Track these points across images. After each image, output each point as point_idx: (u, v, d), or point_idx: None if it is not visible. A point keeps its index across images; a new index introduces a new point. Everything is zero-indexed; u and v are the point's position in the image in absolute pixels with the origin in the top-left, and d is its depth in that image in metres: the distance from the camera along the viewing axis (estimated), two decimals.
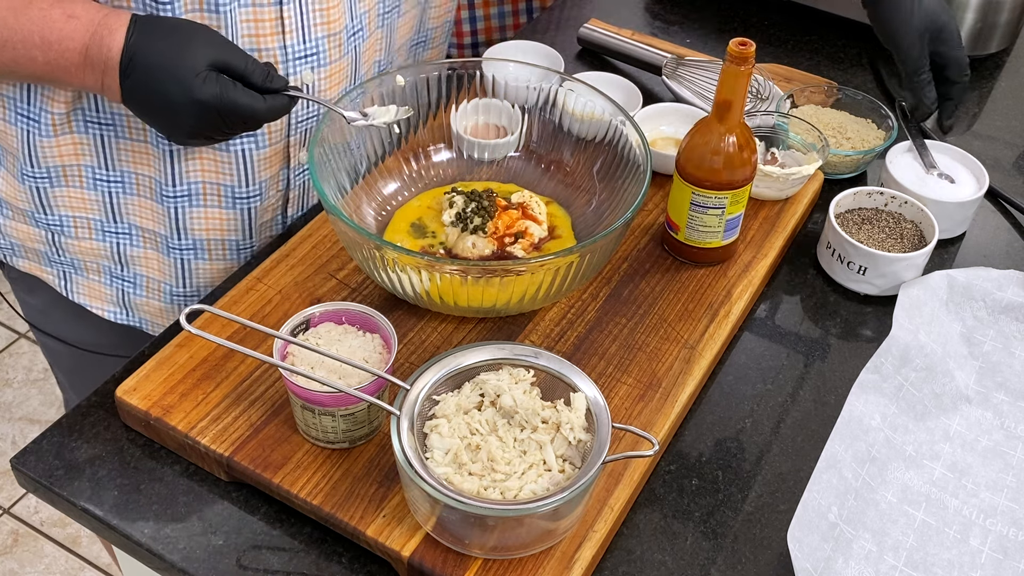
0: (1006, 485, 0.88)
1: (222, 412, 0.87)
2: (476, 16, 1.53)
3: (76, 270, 1.13)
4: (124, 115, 0.99)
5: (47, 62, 0.87)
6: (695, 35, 1.45)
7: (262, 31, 0.96)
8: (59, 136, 0.99)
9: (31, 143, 1.00)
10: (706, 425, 0.93)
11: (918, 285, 1.02)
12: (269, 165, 1.05)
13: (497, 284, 0.89)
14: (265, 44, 0.97)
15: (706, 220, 1.00)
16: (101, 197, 1.05)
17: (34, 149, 1.01)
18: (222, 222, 1.07)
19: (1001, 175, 1.23)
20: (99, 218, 1.07)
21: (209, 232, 1.08)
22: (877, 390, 0.92)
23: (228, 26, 0.94)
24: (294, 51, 0.99)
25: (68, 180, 1.04)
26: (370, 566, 0.81)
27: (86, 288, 1.14)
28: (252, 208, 1.07)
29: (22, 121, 1.00)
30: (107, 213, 1.07)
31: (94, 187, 1.04)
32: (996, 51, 1.41)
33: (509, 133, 1.11)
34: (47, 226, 1.08)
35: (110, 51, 0.86)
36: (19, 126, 1.00)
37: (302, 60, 1.00)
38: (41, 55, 0.87)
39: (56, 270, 1.13)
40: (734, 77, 0.94)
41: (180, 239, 1.08)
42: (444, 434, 0.77)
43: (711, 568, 0.82)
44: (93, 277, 1.13)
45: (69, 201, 1.06)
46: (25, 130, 1.00)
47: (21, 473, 0.87)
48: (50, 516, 2.08)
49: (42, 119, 0.99)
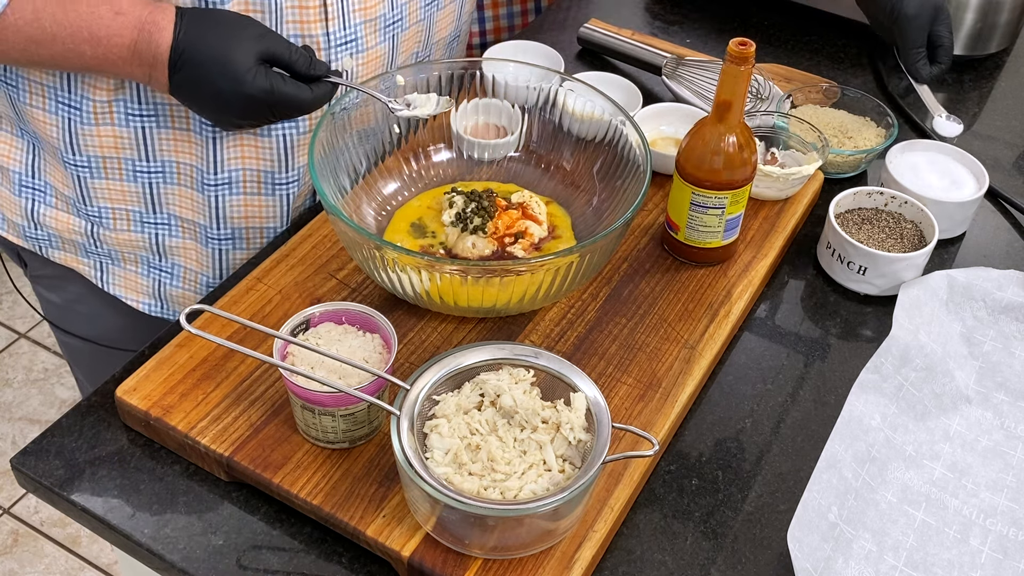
0: (1006, 485, 0.88)
1: (222, 412, 0.87)
2: (485, 17, 1.53)
3: (113, 261, 1.13)
4: (167, 104, 1.00)
5: (95, 56, 0.90)
6: (695, 35, 1.45)
7: (307, 18, 0.98)
8: (100, 126, 1.01)
9: (72, 130, 1.01)
10: (706, 425, 0.93)
11: (918, 285, 1.02)
12: (307, 150, 1.06)
13: (497, 284, 0.89)
14: (309, 31, 0.99)
15: (706, 220, 1.00)
16: (141, 188, 1.06)
17: (75, 136, 1.02)
18: (260, 209, 1.09)
19: (1001, 175, 1.23)
20: (138, 209, 1.08)
21: (248, 220, 1.09)
22: (877, 390, 0.92)
23: (273, 12, 0.96)
24: (335, 38, 1.01)
25: (108, 172, 1.05)
26: (370, 566, 0.81)
27: (122, 279, 1.15)
28: (290, 194, 1.09)
29: (63, 109, 1.00)
30: (147, 204, 1.08)
31: (134, 179, 1.05)
32: (996, 51, 1.41)
33: (509, 133, 1.11)
34: (87, 216, 1.09)
35: (159, 47, 0.89)
36: (60, 115, 1.01)
37: (343, 47, 1.02)
38: (90, 49, 0.89)
39: (92, 261, 1.14)
40: (734, 77, 0.94)
41: (219, 228, 1.09)
42: (444, 434, 0.77)
43: (711, 568, 0.82)
44: (130, 268, 1.14)
45: (108, 193, 1.07)
46: (66, 118, 1.01)
47: (21, 473, 0.87)
48: (50, 516, 2.08)
49: (83, 107, 1.00)
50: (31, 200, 1.10)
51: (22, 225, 1.13)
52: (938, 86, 1.39)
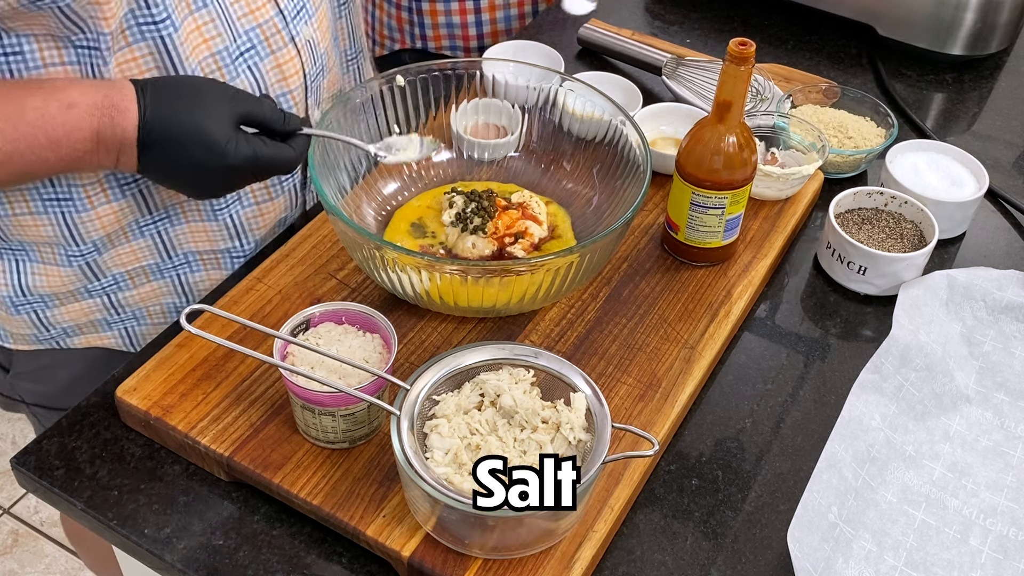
0: (1006, 485, 0.88)
1: (222, 412, 0.87)
2: (482, 20, 1.53)
3: (138, 321, 1.08)
4: None
5: (60, 159, 0.83)
6: (695, 35, 1.45)
7: (255, 5, 0.95)
8: (97, 208, 0.95)
9: (70, 223, 0.95)
10: (706, 425, 0.93)
11: (918, 285, 1.02)
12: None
13: (497, 284, 0.89)
14: (263, 17, 0.95)
15: (706, 220, 1.00)
16: (150, 240, 1.01)
17: (75, 228, 0.96)
18: (278, 206, 1.07)
19: (1001, 175, 1.23)
20: (153, 261, 1.03)
21: (265, 227, 1.07)
22: (877, 390, 0.92)
23: (221, 14, 0.92)
24: (288, 12, 0.98)
25: (114, 243, 0.99)
26: (370, 566, 0.81)
27: (150, 336, 1.09)
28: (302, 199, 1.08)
29: (53, 206, 0.94)
30: (160, 253, 1.03)
31: (141, 234, 1.00)
32: (996, 51, 1.41)
33: (509, 133, 1.11)
34: (101, 291, 1.03)
35: (124, 130, 0.83)
36: (51, 212, 0.95)
37: (297, 17, 0.99)
38: (52, 155, 0.83)
39: (116, 331, 1.08)
40: (734, 77, 0.94)
41: (243, 244, 1.06)
42: (444, 434, 0.77)
43: (711, 568, 0.82)
44: (157, 320, 1.09)
45: (120, 259, 1.01)
46: (59, 212, 0.95)
47: (21, 473, 0.87)
48: (50, 516, 2.08)
49: (74, 195, 0.94)
50: (33, 312, 1.03)
51: (32, 334, 1.06)
52: (938, 86, 1.39)
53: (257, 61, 0.96)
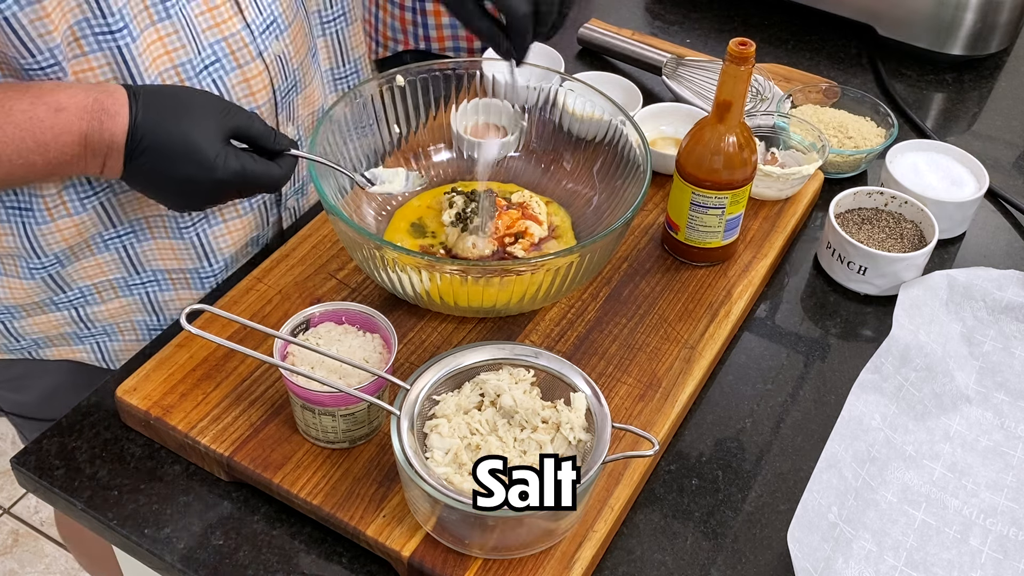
0: (1006, 485, 0.88)
1: (222, 412, 0.87)
2: None
3: (110, 336, 1.07)
4: None
5: (47, 163, 0.82)
6: (695, 35, 1.45)
7: (220, 19, 0.93)
8: (56, 220, 0.93)
9: (30, 234, 0.94)
10: (706, 425, 0.93)
11: (918, 285, 1.02)
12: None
13: (497, 284, 0.89)
14: (229, 30, 0.94)
15: (706, 220, 1.00)
16: (116, 254, 1.00)
17: (35, 239, 0.94)
18: (247, 226, 1.05)
19: (1001, 175, 1.23)
20: (120, 275, 1.02)
21: (235, 245, 1.05)
22: (877, 390, 0.92)
23: (187, 27, 0.91)
24: (256, 26, 0.96)
25: (77, 255, 0.98)
26: (370, 566, 0.81)
27: (123, 353, 1.09)
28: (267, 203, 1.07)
29: (15, 215, 0.93)
30: (127, 267, 1.01)
31: (106, 248, 0.99)
32: (996, 51, 1.41)
33: (509, 133, 1.11)
34: (68, 304, 1.02)
35: (113, 135, 0.82)
36: (12, 220, 0.93)
37: (266, 32, 0.97)
38: (40, 158, 0.82)
39: (88, 345, 1.07)
40: (734, 77, 0.94)
41: (211, 263, 1.04)
42: (444, 434, 0.77)
43: (711, 568, 0.82)
44: (129, 337, 1.08)
45: (85, 272, 1.00)
46: (20, 222, 0.93)
47: (21, 473, 0.87)
48: (50, 516, 2.08)
49: (35, 205, 0.92)
50: (0, 323, 1.02)
51: (2, 344, 1.05)
52: (938, 86, 1.39)
53: (222, 75, 0.94)
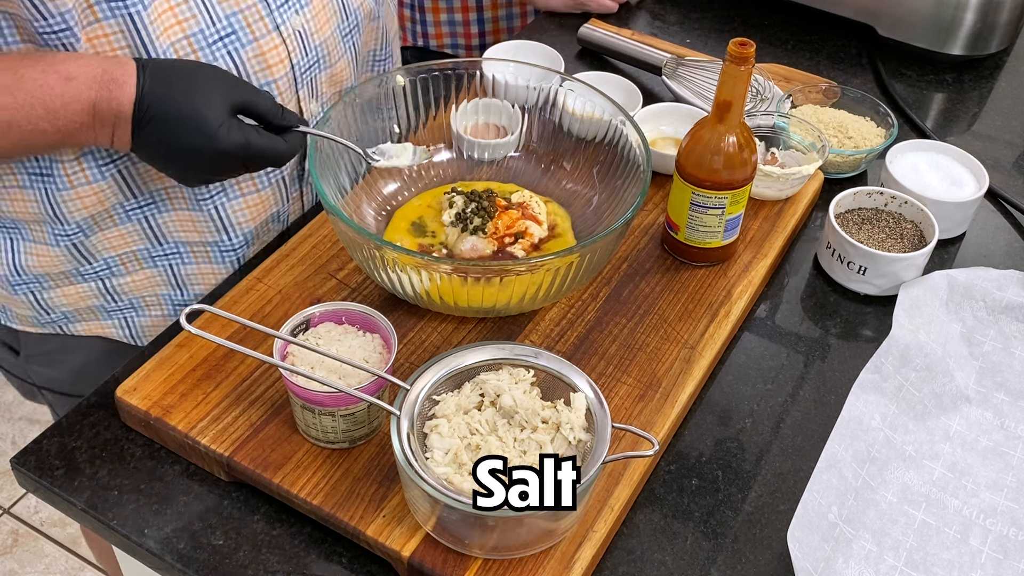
0: (1006, 485, 0.88)
1: (222, 412, 0.87)
2: (484, 18, 1.54)
3: (137, 311, 1.08)
4: None
5: (56, 130, 0.84)
6: (695, 35, 1.45)
7: None
8: (76, 187, 0.95)
9: (53, 201, 0.96)
10: (706, 425, 0.93)
11: (918, 285, 1.02)
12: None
13: (497, 284, 0.89)
14: (245, 2, 0.93)
15: (706, 220, 1.00)
16: (138, 225, 1.01)
17: (58, 206, 0.96)
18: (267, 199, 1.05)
19: (1001, 175, 1.23)
20: (144, 247, 1.03)
21: (255, 220, 1.05)
22: (877, 390, 0.92)
23: None
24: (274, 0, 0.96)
25: (100, 225, 0.99)
26: (370, 566, 0.81)
27: (150, 329, 1.09)
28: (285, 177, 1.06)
29: (38, 181, 0.95)
30: (150, 239, 1.03)
31: (128, 219, 1.00)
32: (996, 51, 1.41)
33: (509, 133, 1.11)
34: (95, 275, 1.03)
35: (121, 104, 0.83)
36: (35, 188, 0.96)
37: (285, 6, 0.97)
38: (50, 125, 0.84)
39: (116, 320, 1.08)
40: (734, 77, 0.94)
41: (230, 237, 1.04)
42: (444, 434, 0.77)
43: (711, 568, 0.82)
44: (155, 312, 1.09)
45: (109, 243, 1.01)
46: (42, 190, 0.95)
47: (21, 473, 0.87)
48: (50, 516, 2.08)
49: (55, 172, 0.94)
50: (30, 292, 1.04)
51: (34, 316, 1.07)
52: (938, 86, 1.39)
53: (238, 47, 0.94)
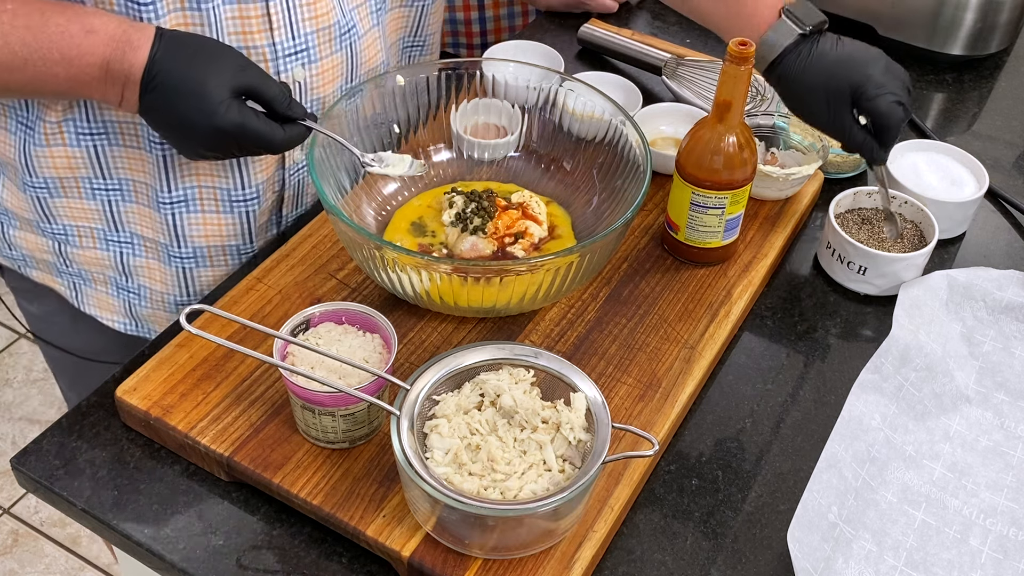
0: (1006, 485, 0.88)
1: (222, 412, 0.87)
2: (486, 17, 1.53)
3: (85, 281, 1.11)
4: (116, 122, 0.98)
5: (68, 77, 0.87)
6: (695, 35, 1.45)
7: (248, 28, 0.95)
8: (51, 147, 0.99)
9: (27, 152, 1.00)
10: (706, 425, 0.93)
11: (918, 285, 1.02)
12: (265, 167, 1.04)
13: (497, 284, 0.89)
14: (253, 41, 0.96)
15: (706, 220, 1.00)
16: (100, 206, 1.04)
17: (30, 159, 1.00)
18: (221, 227, 1.06)
19: (1001, 175, 1.23)
20: (101, 227, 1.06)
21: (208, 239, 1.06)
22: (877, 390, 0.92)
23: (213, 24, 0.93)
24: (283, 48, 0.98)
25: (66, 191, 1.03)
26: (370, 566, 0.81)
27: (95, 299, 1.13)
28: (250, 211, 1.06)
29: (20, 129, 0.99)
30: (108, 222, 1.05)
31: (93, 196, 1.03)
32: (996, 51, 1.41)
33: (509, 133, 1.11)
34: (52, 235, 1.07)
35: (132, 66, 0.86)
36: (17, 135, 0.99)
37: (292, 57, 0.99)
38: (63, 71, 0.86)
39: (66, 281, 1.12)
40: (734, 77, 0.94)
41: (180, 247, 1.06)
42: (444, 434, 0.77)
43: (711, 568, 0.82)
44: (101, 288, 1.12)
45: (70, 211, 1.05)
46: (22, 138, 0.99)
47: (21, 473, 0.87)
48: (50, 516, 2.08)
49: (36, 127, 0.98)
50: (1, 224, 1.10)
51: (2, 248, 1.13)
52: (938, 86, 1.39)
53: None
